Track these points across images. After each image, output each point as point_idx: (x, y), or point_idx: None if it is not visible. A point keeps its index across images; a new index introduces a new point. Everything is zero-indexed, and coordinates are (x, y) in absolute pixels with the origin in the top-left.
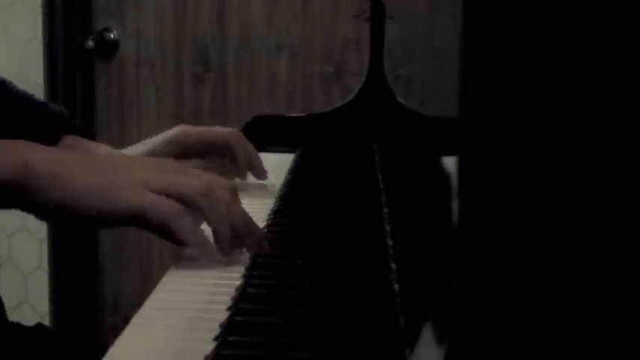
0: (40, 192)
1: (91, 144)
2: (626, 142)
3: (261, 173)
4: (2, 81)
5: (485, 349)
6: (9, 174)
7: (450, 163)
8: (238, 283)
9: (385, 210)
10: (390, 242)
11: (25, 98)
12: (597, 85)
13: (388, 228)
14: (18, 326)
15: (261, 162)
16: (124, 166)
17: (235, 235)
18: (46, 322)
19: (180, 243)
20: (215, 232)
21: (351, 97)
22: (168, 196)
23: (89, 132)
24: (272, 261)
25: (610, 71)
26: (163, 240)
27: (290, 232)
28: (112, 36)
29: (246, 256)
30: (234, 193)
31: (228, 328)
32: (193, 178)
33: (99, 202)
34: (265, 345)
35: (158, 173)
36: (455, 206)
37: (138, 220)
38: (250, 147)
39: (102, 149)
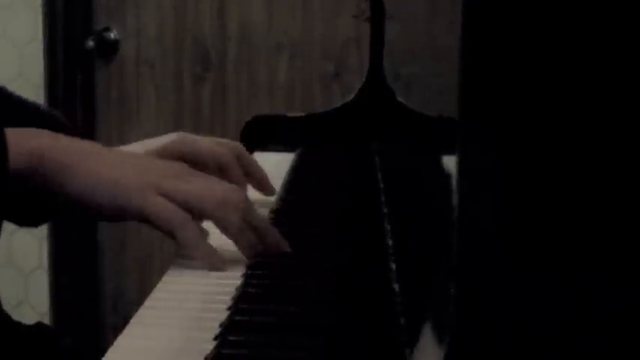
0: (52, 180)
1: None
2: (627, 141)
3: (266, 189)
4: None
5: (485, 349)
6: (23, 161)
7: (450, 163)
8: (238, 283)
9: (385, 210)
10: (390, 242)
11: (20, 102)
12: (597, 85)
13: (388, 228)
14: (18, 325)
15: (264, 176)
16: (138, 166)
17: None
18: (46, 321)
19: None
20: (236, 242)
21: (351, 97)
22: (182, 206)
23: (89, 134)
24: (272, 261)
25: (610, 71)
26: (163, 240)
27: (290, 231)
28: (112, 36)
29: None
30: (248, 199)
31: (228, 328)
32: (208, 188)
33: (108, 198)
34: (265, 345)
35: (174, 179)
36: (455, 206)
37: (144, 220)
38: (253, 166)
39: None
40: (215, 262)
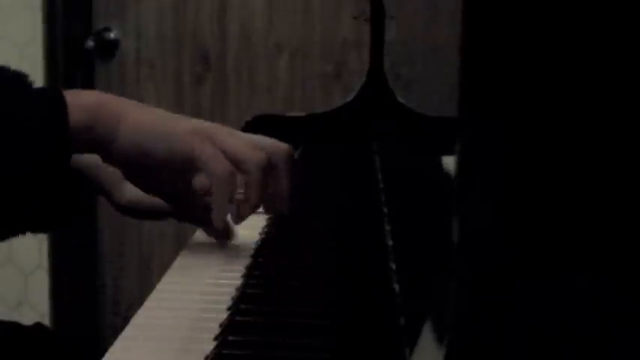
0: (108, 131)
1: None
2: (628, 142)
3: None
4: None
5: (485, 349)
6: (84, 114)
7: (450, 162)
8: (238, 283)
9: (385, 210)
10: (390, 242)
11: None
12: (598, 85)
13: (388, 228)
14: (17, 326)
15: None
16: (189, 119)
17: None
18: (46, 321)
19: (197, 223)
20: (244, 201)
21: (351, 97)
22: (227, 156)
23: None
24: (272, 261)
25: (611, 70)
26: (163, 240)
27: (290, 231)
28: (112, 36)
29: (246, 256)
30: (288, 162)
31: (228, 328)
32: (254, 146)
33: (161, 143)
34: (265, 345)
35: (223, 133)
36: (455, 206)
37: (190, 166)
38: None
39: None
40: (226, 228)
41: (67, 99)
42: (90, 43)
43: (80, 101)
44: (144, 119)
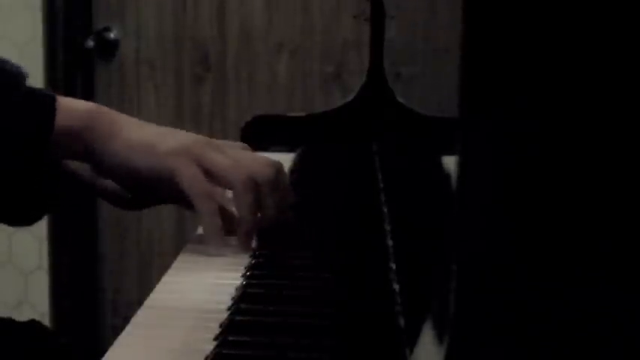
0: (99, 140)
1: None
2: (629, 139)
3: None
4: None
5: (485, 349)
6: (77, 119)
7: (450, 162)
8: (238, 283)
9: (385, 210)
10: (390, 242)
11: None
12: (599, 84)
13: (388, 228)
14: (10, 322)
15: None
16: (176, 135)
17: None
18: (46, 321)
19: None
20: (239, 222)
21: (351, 97)
22: (209, 174)
23: None
24: (272, 261)
25: (612, 70)
26: (163, 240)
27: (290, 231)
28: (112, 36)
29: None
30: (278, 176)
31: (228, 328)
32: (238, 160)
33: (144, 159)
34: (265, 345)
35: (208, 149)
36: (455, 206)
37: (172, 186)
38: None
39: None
40: (218, 240)
41: (60, 103)
42: (90, 43)
43: (73, 107)
44: (135, 136)
